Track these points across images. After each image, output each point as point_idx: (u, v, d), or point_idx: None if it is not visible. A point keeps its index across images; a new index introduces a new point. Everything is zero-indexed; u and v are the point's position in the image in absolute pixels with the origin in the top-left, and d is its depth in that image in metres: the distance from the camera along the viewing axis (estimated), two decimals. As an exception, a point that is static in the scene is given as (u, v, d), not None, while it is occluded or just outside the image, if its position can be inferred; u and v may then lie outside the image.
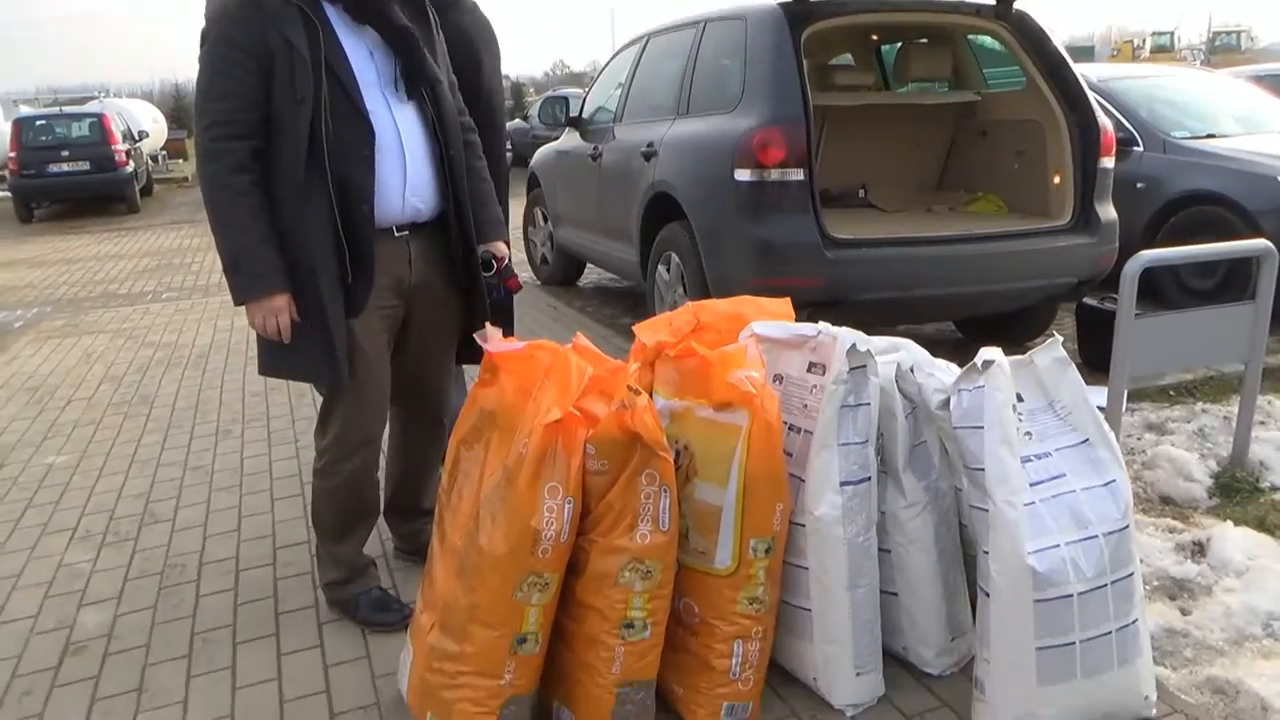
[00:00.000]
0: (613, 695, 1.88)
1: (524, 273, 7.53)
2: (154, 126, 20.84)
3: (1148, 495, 3.14)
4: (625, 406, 1.85)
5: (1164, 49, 47.72)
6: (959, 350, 3.46)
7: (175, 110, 34.87)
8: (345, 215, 2.14)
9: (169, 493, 3.40)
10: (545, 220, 6.88)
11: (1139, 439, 3.58)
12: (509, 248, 2.57)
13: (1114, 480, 1.93)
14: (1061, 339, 2.02)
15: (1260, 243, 3.14)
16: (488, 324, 2.05)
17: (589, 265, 6.74)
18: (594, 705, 1.89)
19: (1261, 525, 2.88)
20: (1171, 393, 4.05)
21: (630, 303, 6.32)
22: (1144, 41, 51.15)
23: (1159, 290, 5.42)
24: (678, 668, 2.01)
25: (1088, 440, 1.97)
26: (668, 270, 4.55)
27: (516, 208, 8.47)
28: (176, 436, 4.00)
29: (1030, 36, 4.24)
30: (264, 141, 2.13)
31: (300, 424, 4.05)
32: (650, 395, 2.04)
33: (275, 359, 2.27)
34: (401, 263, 2.30)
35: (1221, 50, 43.78)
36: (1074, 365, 2.00)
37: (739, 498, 1.91)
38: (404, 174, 2.24)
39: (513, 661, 1.84)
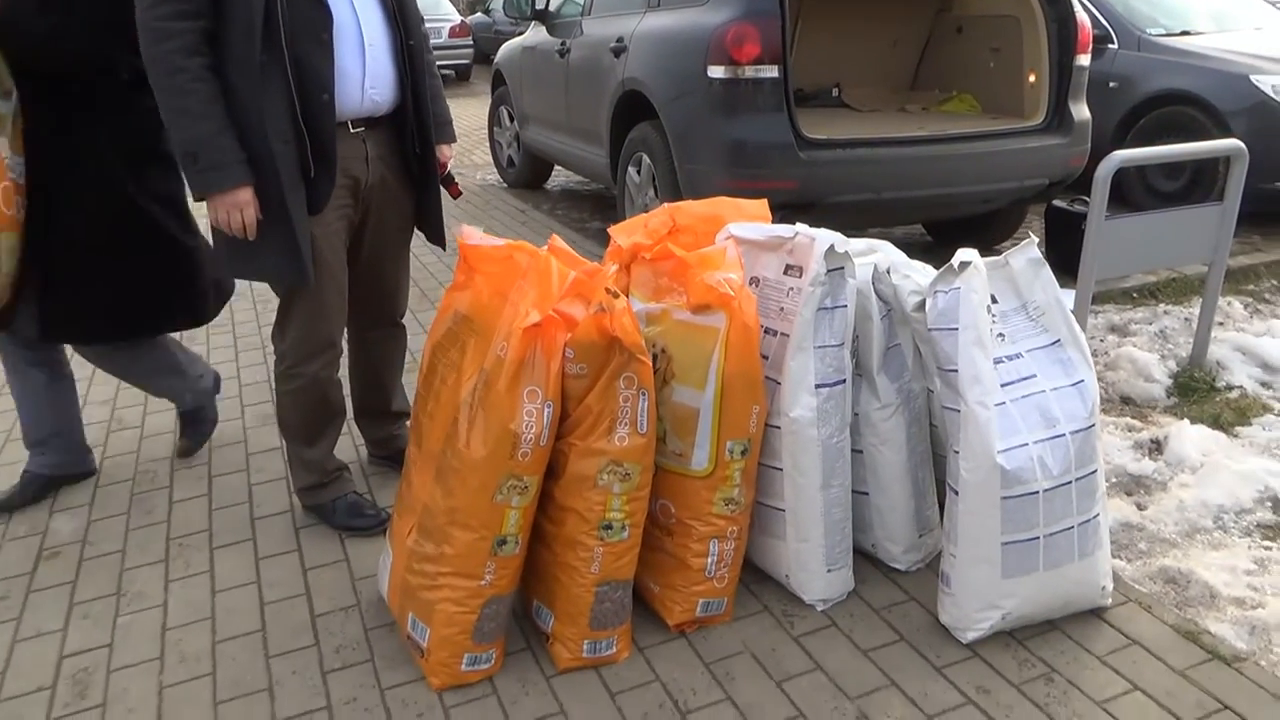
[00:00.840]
0: (591, 594, 1.92)
1: (490, 175, 7.39)
2: None
3: (1109, 395, 3.22)
4: (604, 310, 1.83)
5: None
6: (929, 253, 3.46)
7: None
8: (305, 104, 2.05)
9: (135, 399, 3.35)
10: (511, 120, 6.70)
11: (1102, 340, 3.64)
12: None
13: (1082, 380, 1.96)
14: (1035, 240, 2.03)
15: (1232, 143, 3.15)
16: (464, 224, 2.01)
17: (557, 167, 6.60)
18: (573, 604, 1.93)
19: (1216, 423, 2.97)
20: (1135, 295, 4.11)
21: (600, 206, 6.23)
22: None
23: (1126, 191, 5.45)
24: (655, 567, 2.05)
25: (1059, 341, 1.99)
26: (638, 172, 4.47)
27: (479, 108, 8.24)
28: (139, 343, 3.92)
29: (1010, -73, 4.12)
30: (214, 23, 2.01)
31: (266, 329, 3.98)
32: (628, 298, 2.03)
33: (236, 259, 2.20)
34: (358, 161, 2.23)
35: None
36: (1048, 266, 2.00)
37: (716, 400, 1.92)
38: (363, 63, 2.15)
39: (493, 563, 1.86)
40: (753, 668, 1.95)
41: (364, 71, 2.16)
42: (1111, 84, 5.56)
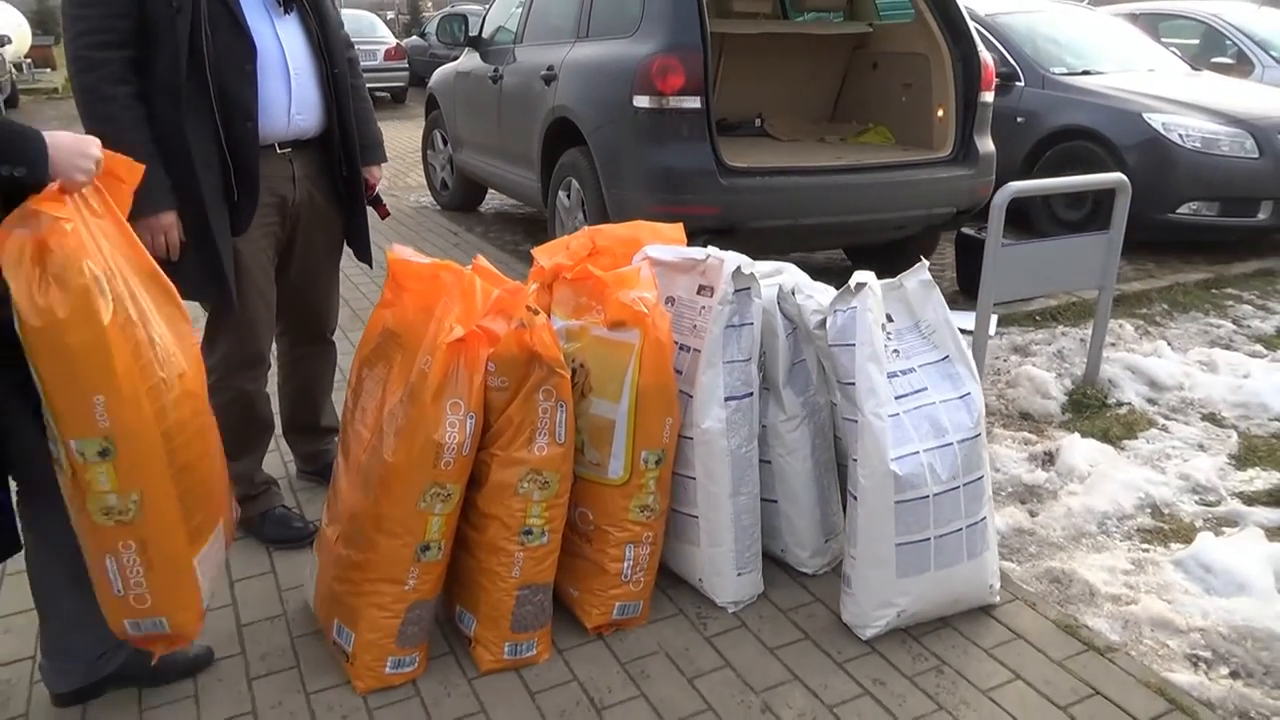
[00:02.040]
0: (513, 597, 2.01)
1: (424, 197, 7.43)
2: (17, 31, 19.28)
3: (1009, 411, 3.42)
4: (524, 325, 1.93)
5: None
6: (847, 277, 3.63)
7: (39, 14, 32.26)
8: (229, 130, 2.13)
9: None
10: (445, 143, 6.77)
11: (1005, 360, 3.86)
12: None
13: (969, 393, 2.13)
14: (928, 263, 2.19)
15: (1115, 176, 3.39)
16: (395, 245, 2.10)
17: (490, 190, 6.69)
18: (495, 607, 2.02)
19: (1105, 437, 3.18)
20: (1037, 318, 4.36)
21: (532, 229, 6.33)
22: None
23: (1034, 220, 5.76)
24: (574, 572, 2.15)
25: (948, 357, 2.16)
26: (568, 196, 4.59)
27: (414, 129, 8.29)
28: None
29: (920, -29, 4.37)
30: (140, 51, 2.08)
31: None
32: (549, 316, 2.13)
33: None
34: (285, 180, 2.31)
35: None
36: (938, 288, 2.17)
37: (631, 412, 2.03)
38: (289, 91, 2.24)
39: (416, 568, 1.94)
40: (666, 666, 2.05)
41: (289, 98, 2.24)
42: (1019, 119, 5.88)
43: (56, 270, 1.48)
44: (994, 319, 4.19)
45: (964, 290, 4.64)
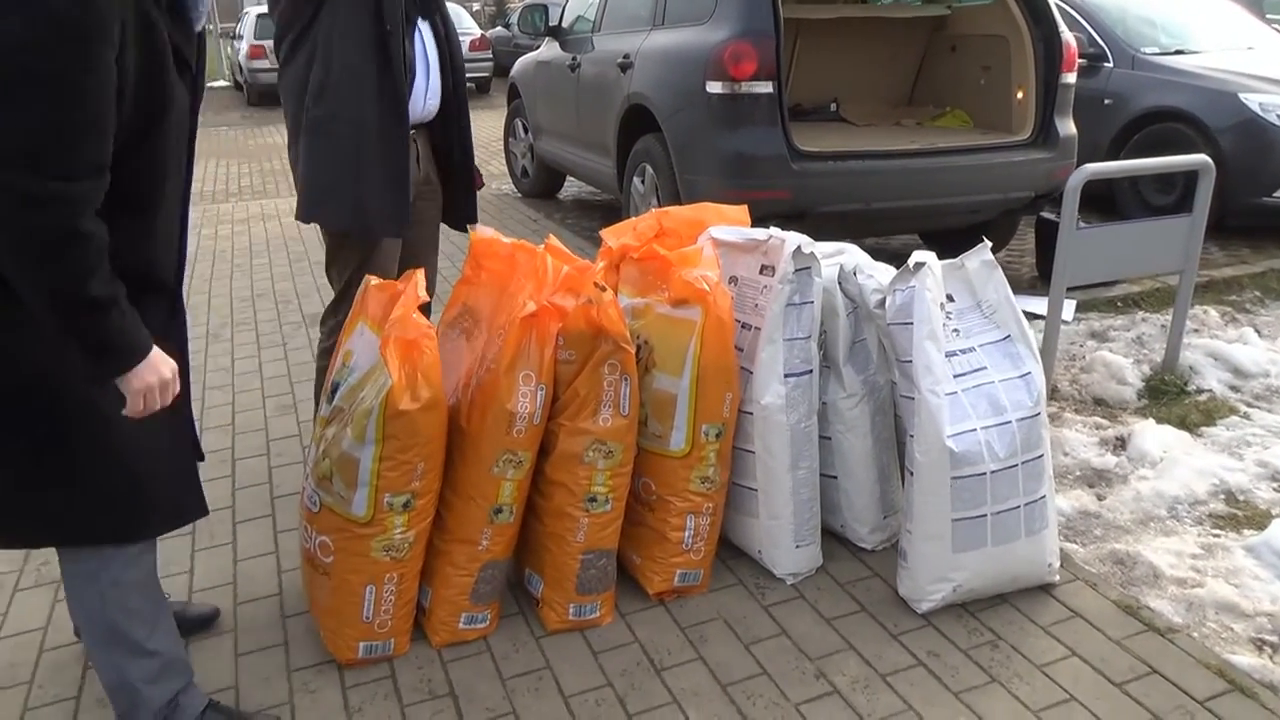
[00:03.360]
0: (578, 561, 2.11)
1: (505, 185, 7.61)
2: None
3: (1081, 396, 3.38)
4: (591, 302, 2.03)
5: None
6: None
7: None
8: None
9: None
10: (525, 131, 6.93)
11: (1081, 345, 3.80)
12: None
13: (1029, 373, 2.14)
14: (990, 244, 2.21)
15: (1198, 157, 3.31)
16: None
17: (569, 178, 6.82)
18: (561, 570, 2.13)
19: (1182, 423, 3.13)
20: (1119, 303, 4.27)
21: (608, 215, 6.43)
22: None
23: (1120, 206, 5.61)
24: (637, 540, 2.24)
25: (1009, 336, 2.17)
26: (643, 182, 4.68)
27: (497, 119, 8.49)
28: (168, 339, 4.16)
29: (1000, -50, 4.31)
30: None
31: (287, 328, 4.22)
32: (616, 294, 2.23)
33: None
34: (411, 159, 2.50)
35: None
36: (1000, 268, 2.19)
37: (692, 386, 2.11)
38: (426, 79, 2.47)
39: (489, 529, 2.06)
40: (724, 632, 2.13)
41: (426, 85, 2.47)
42: (1106, 100, 5.72)
43: (424, 368, 1.89)
44: (1071, 304, 4.13)
45: (1043, 275, 4.57)
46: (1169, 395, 3.35)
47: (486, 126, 11.35)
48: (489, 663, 2.06)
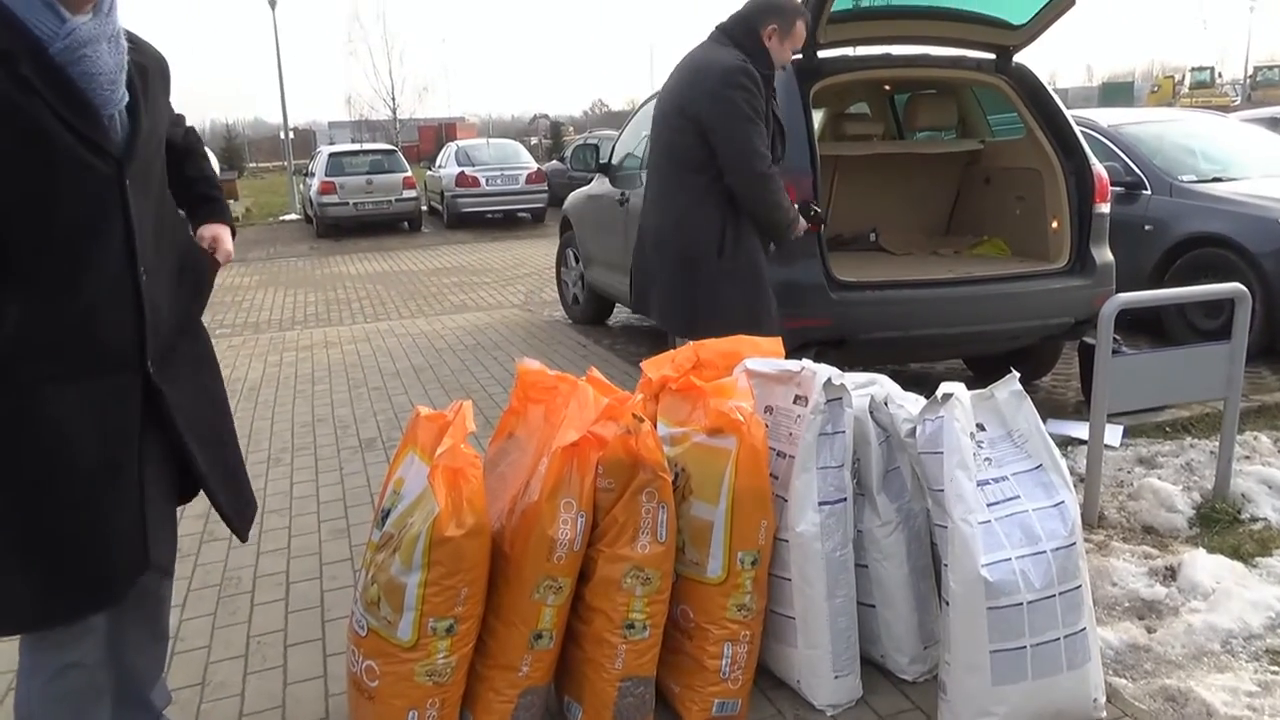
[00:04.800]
0: (615, 688, 2.14)
1: (557, 311, 7.86)
2: (207, 168, 21.64)
3: (1130, 525, 3.34)
4: (630, 432, 2.12)
5: (1204, 85, 47.63)
6: (969, 387, 3.68)
7: (226, 151, 36.10)
8: None
9: (225, 513, 3.71)
10: (576, 261, 7.21)
11: (1129, 472, 3.77)
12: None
13: (1063, 501, 2.16)
14: (1018, 375, 2.27)
15: (1233, 285, 3.35)
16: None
17: (617, 305, 7.04)
18: (599, 698, 2.15)
19: (1235, 553, 3.07)
20: (1167, 429, 4.24)
21: (655, 341, 6.59)
22: (1184, 77, 51.11)
23: (1168, 330, 5.62)
24: (675, 668, 2.26)
25: (1041, 465, 2.21)
26: (687, 310, 4.83)
27: (551, 247, 8.86)
28: (231, 463, 4.33)
29: (1028, 89, 4.50)
30: None
31: (344, 453, 4.37)
32: (654, 423, 2.32)
33: None
34: None
35: (1264, 86, 43.60)
36: (1028, 398, 2.24)
37: (728, 514, 2.17)
38: None
39: (529, 655, 2.10)
40: (763, 764, 2.12)
41: None
42: (1147, 227, 5.81)
43: (469, 495, 1.99)
44: (1118, 430, 4.12)
45: (1088, 400, 4.56)
46: (1221, 524, 3.30)
47: (540, 255, 11.82)
48: (527, 792, 2.07)
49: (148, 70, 1.80)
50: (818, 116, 5.64)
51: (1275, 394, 4.70)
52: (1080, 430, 3.90)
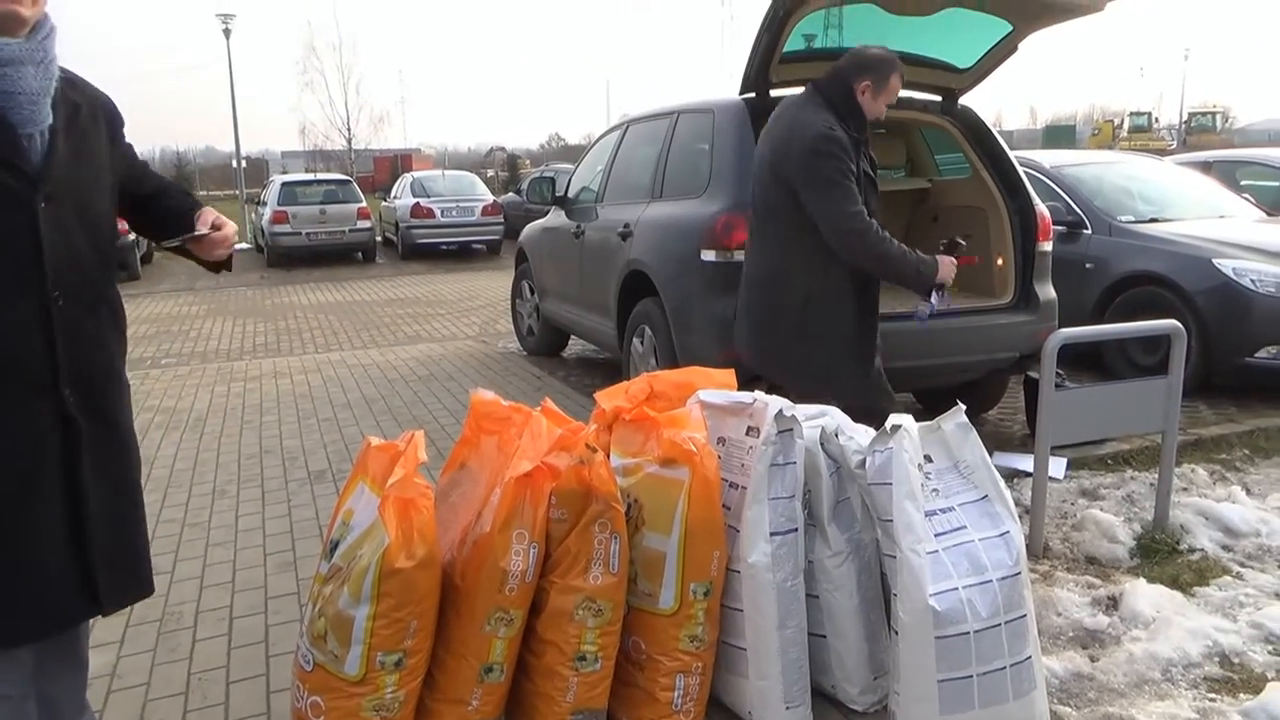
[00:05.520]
0: (567, 722, 2.12)
1: (511, 343, 7.84)
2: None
3: (1073, 555, 3.41)
4: (583, 462, 2.13)
5: (1142, 129, 49.40)
6: (919, 419, 3.73)
7: (177, 179, 35.55)
8: None
9: (168, 547, 3.63)
10: (531, 293, 7.21)
11: (1072, 503, 3.85)
12: None
13: (1008, 531, 2.21)
14: (964, 407, 2.32)
15: (1168, 322, 3.47)
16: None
17: (573, 337, 7.05)
18: (551, 732, 2.13)
19: (1174, 583, 3.14)
20: (1109, 461, 4.34)
21: (609, 373, 6.60)
22: (1123, 121, 52.96)
23: (1109, 365, 5.77)
24: (626, 700, 2.25)
25: (986, 496, 2.25)
26: (641, 343, 4.86)
27: (507, 279, 8.85)
28: (175, 495, 4.24)
29: (973, 130, 4.63)
30: None
31: (293, 485, 4.30)
32: (608, 455, 2.32)
33: None
34: None
35: (1198, 131, 45.35)
36: (974, 430, 2.29)
37: (680, 545, 2.18)
38: None
39: (479, 689, 2.08)
40: (714, 797, 2.11)
41: None
42: (1088, 265, 5.99)
43: (420, 526, 1.98)
44: (1062, 462, 4.21)
45: (1034, 433, 4.66)
46: (1161, 554, 3.38)
47: (495, 287, 11.80)
48: (475, 829, 2.03)
49: (80, 106, 1.81)
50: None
51: (1211, 428, 4.84)
52: (1025, 463, 3.98)
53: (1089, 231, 6.11)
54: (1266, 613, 2.92)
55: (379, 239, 17.65)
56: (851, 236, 3.13)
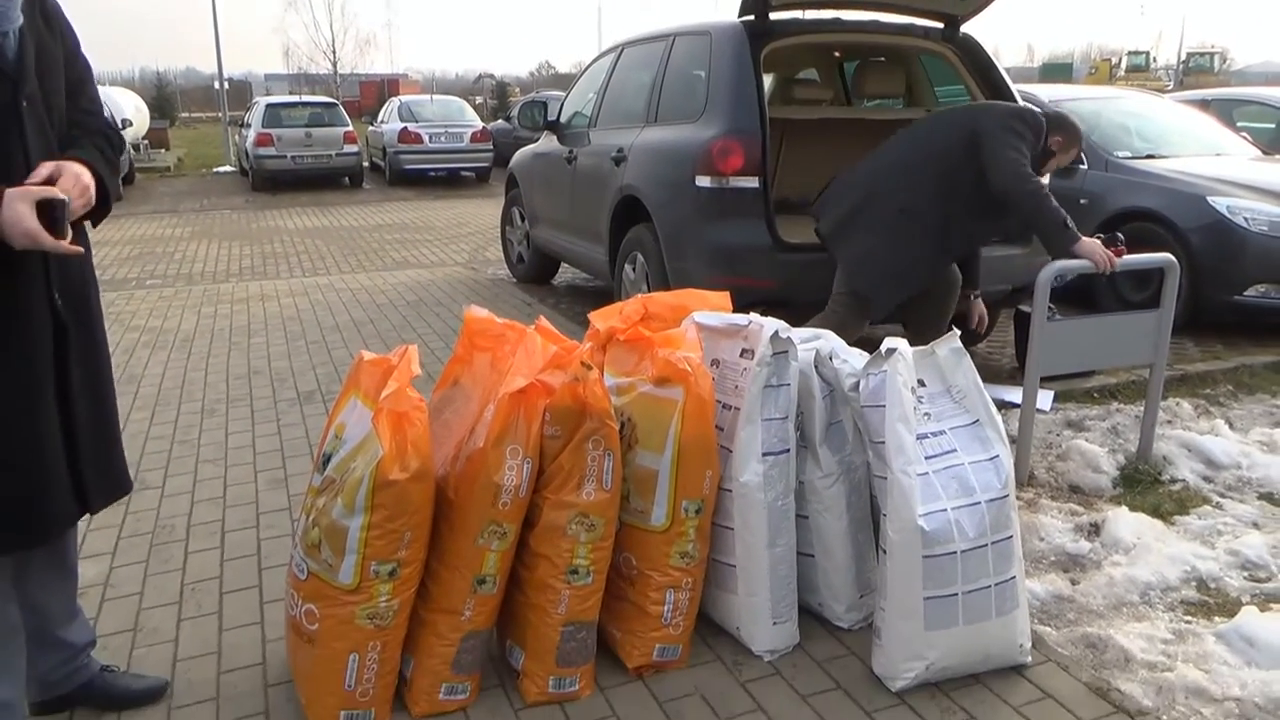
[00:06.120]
0: (558, 633, 2.15)
1: (501, 270, 7.78)
2: (137, 115, 20.88)
3: (1058, 484, 3.46)
4: (577, 380, 2.12)
5: (1139, 69, 48.87)
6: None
7: (158, 100, 34.82)
8: None
9: (158, 463, 3.63)
10: (522, 220, 7.14)
11: (1058, 434, 3.89)
12: None
13: (998, 455, 2.23)
14: (959, 333, 2.32)
15: (1163, 256, 3.47)
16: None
17: (564, 265, 7.00)
18: (542, 642, 2.16)
19: (1155, 512, 3.19)
20: (1095, 394, 4.38)
21: (600, 301, 6.56)
22: (1120, 60, 52.34)
23: (1099, 300, 5.78)
24: (617, 614, 2.28)
25: (978, 421, 2.26)
26: (634, 269, 4.83)
27: (496, 207, 8.74)
28: (164, 413, 4.23)
29: (974, 60, 4.56)
30: None
31: (282, 405, 4.29)
32: (602, 374, 2.32)
33: None
34: None
35: (1195, 71, 44.88)
36: (968, 355, 2.29)
37: (673, 463, 2.19)
38: None
39: (472, 600, 2.10)
40: (701, 708, 2.16)
41: None
42: (1082, 200, 5.95)
43: (414, 439, 1.96)
44: (1049, 395, 4.24)
45: (1023, 366, 4.69)
46: (1143, 484, 3.43)
47: (485, 214, 11.68)
48: (468, 734, 2.08)
49: (36, 5, 1.76)
50: (768, 80, 5.65)
51: (1197, 364, 4.88)
52: (1014, 395, 4.01)
53: (1085, 167, 6.07)
54: (1244, 541, 2.98)
55: (366, 164, 17.37)
56: (1028, 197, 3.35)
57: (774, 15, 4.35)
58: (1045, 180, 3.60)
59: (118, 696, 2.15)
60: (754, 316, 2.36)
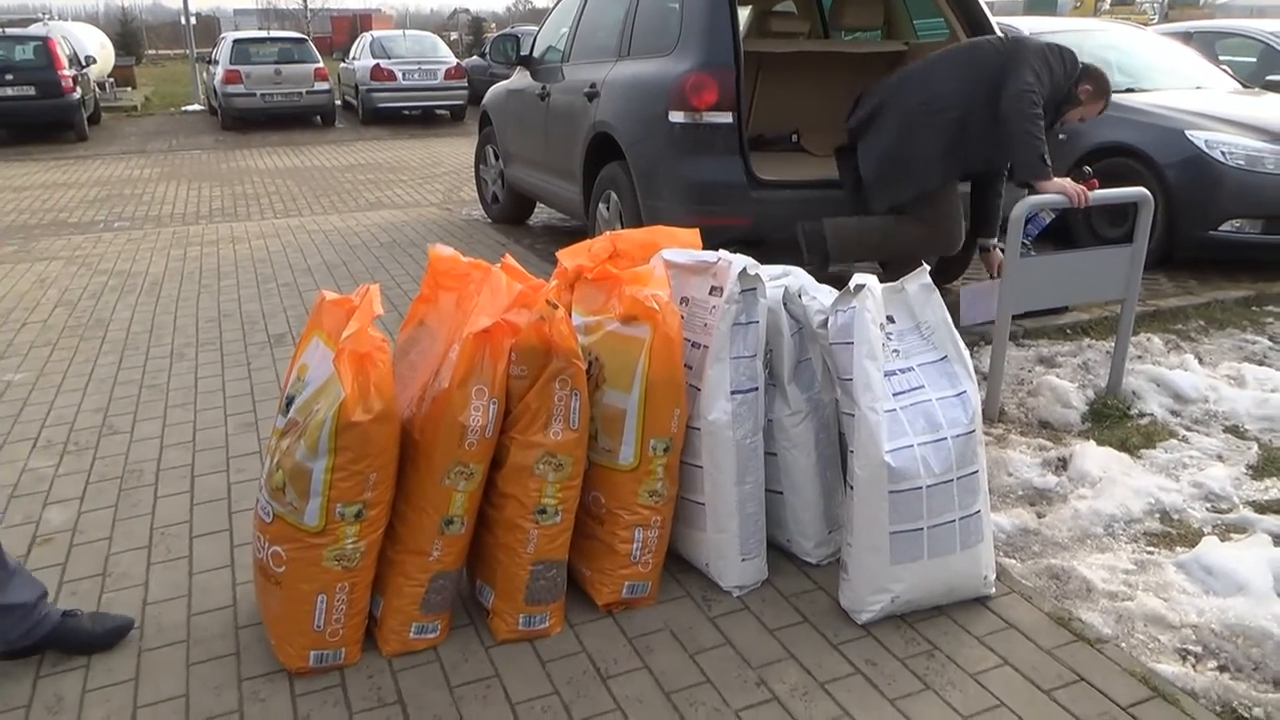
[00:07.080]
0: (528, 572, 2.16)
1: (475, 210, 7.68)
2: (101, 52, 20.31)
3: (1028, 420, 3.48)
4: (544, 319, 2.09)
5: (1124, 2, 48.23)
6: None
7: (122, 36, 33.79)
8: None
9: (126, 408, 3.59)
10: (496, 158, 7.02)
11: (1030, 370, 3.91)
12: None
13: (965, 391, 2.23)
14: (929, 268, 2.30)
15: (1137, 190, 3.45)
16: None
17: (539, 205, 6.91)
18: (511, 581, 2.17)
19: (1123, 446, 3.23)
20: (1067, 331, 4.40)
21: (576, 241, 6.51)
22: (1106, -8, 51.60)
23: (1075, 236, 5.78)
24: (586, 552, 2.30)
25: (946, 357, 2.26)
26: (608, 208, 4.77)
27: (471, 145, 8.59)
28: (132, 358, 4.18)
29: (954, -9, 4.47)
30: None
31: (252, 349, 4.24)
32: (569, 312, 2.30)
33: None
34: None
35: (1180, 4, 44.35)
36: (937, 291, 2.28)
37: (641, 402, 2.18)
38: None
39: (440, 540, 2.10)
40: (670, 642, 2.19)
41: None
42: (1061, 135, 5.89)
43: (377, 380, 1.95)
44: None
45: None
46: (1111, 419, 3.46)
47: (459, 153, 11.49)
48: (438, 672, 2.10)
49: None
50: (743, 13, 5.53)
51: (1170, 300, 4.90)
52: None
53: (1064, 101, 6.00)
54: (1208, 473, 3.02)
55: (338, 102, 16.99)
56: (1024, 117, 3.42)
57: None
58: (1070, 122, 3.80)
59: (84, 641, 2.15)
60: (723, 253, 2.34)
